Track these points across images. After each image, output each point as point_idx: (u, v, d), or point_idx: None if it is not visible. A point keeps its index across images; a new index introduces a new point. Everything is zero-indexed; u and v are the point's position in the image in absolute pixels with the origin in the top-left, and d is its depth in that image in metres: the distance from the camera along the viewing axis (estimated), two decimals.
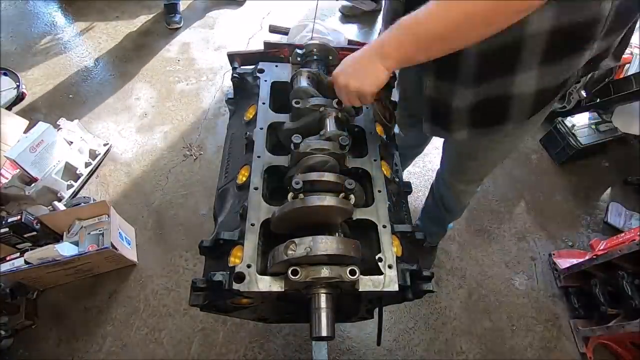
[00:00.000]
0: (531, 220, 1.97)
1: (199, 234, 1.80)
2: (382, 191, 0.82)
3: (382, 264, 0.71)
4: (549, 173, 2.17)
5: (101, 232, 1.63)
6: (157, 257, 1.74)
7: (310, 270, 0.64)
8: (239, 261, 0.68)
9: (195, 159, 2.08)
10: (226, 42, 2.67)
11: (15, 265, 1.51)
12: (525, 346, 1.60)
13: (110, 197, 1.91)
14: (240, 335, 1.54)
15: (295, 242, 0.64)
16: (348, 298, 0.74)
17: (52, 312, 1.59)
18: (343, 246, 0.64)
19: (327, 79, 0.91)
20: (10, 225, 1.51)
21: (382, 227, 0.76)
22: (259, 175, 0.81)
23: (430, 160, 2.15)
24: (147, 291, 1.65)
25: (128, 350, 1.51)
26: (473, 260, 1.81)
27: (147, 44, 2.61)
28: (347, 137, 0.80)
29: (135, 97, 2.32)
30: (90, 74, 2.42)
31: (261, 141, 0.86)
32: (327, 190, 0.74)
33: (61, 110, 2.20)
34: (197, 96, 2.35)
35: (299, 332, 1.55)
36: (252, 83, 1.04)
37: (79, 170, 1.90)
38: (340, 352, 1.53)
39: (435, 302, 1.68)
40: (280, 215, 0.70)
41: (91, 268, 1.61)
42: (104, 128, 2.17)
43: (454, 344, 1.58)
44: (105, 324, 1.56)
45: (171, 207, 1.89)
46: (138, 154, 2.08)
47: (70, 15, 2.77)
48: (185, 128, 2.20)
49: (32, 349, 1.51)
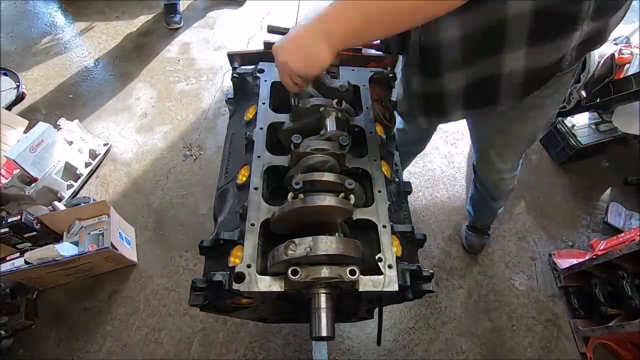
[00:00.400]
0: (531, 220, 1.97)
1: (199, 234, 1.80)
2: (382, 191, 0.82)
3: (382, 264, 0.71)
4: (549, 173, 2.17)
5: (101, 232, 1.63)
6: (157, 257, 1.74)
7: (310, 270, 0.64)
8: (239, 261, 0.68)
9: (195, 159, 2.08)
10: (226, 42, 2.67)
11: (15, 265, 1.51)
12: (525, 346, 1.60)
13: (110, 197, 1.92)
14: (240, 335, 1.54)
15: (295, 242, 0.64)
16: (348, 298, 0.74)
17: (52, 312, 1.59)
18: (343, 246, 0.64)
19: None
20: (10, 225, 1.51)
21: (382, 227, 0.76)
22: (259, 175, 0.80)
23: (431, 161, 2.15)
24: (147, 291, 1.65)
25: (128, 350, 1.51)
26: (473, 260, 1.81)
27: (147, 44, 2.61)
28: (347, 137, 0.80)
29: (135, 97, 2.32)
30: (90, 74, 2.42)
31: (261, 141, 0.86)
32: (327, 190, 0.74)
33: (61, 110, 2.20)
34: (197, 96, 2.35)
35: (299, 332, 1.55)
36: (252, 83, 1.04)
37: (79, 170, 1.90)
38: (340, 352, 1.53)
39: (435, 302, 1.68)
40: (280, 215, 0.70)
41: (91, 268, 1.61)
42: (104, 128, 2.17)
43: (454, 344, 1.58)
44: (105, 324, 1.56)
45: (171, 207, 1.89)
46: (138, 154, 2.08)
47: (70, 15, 2.77)
48: (185, 128, 2.20)
49: (32, 349, 1.51)
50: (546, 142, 2.25)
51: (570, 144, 2.07)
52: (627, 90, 1.93)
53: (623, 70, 2.05)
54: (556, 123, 2.15)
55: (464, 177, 2.11)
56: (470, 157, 2.19)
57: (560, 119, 2.14)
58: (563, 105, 2.20)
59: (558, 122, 2.14)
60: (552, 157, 2.21)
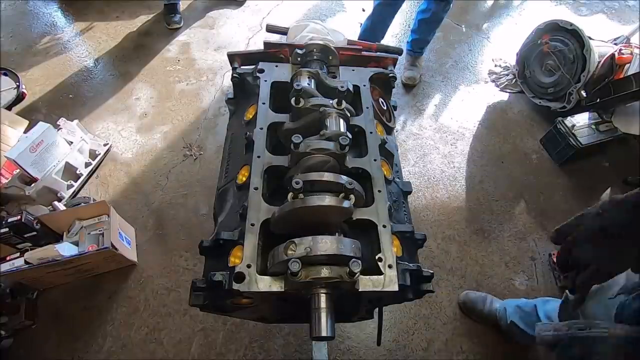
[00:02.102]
0: (531, 220, 1.97)
1: (199, 234, 1.80)
2: (382, 191, 0.82)
3: (382, 264, 0.71)
4: (549, 173, 2.17)
5: (101, 232, 1.63)
6: (157, 257, 1.74)
7: (310, 270, 0.64)
8: (239, 261, 0.68)
9: (195, 159, 2.08)
10: (226, 42, 2.67)
11: (15, 265, 1.51)
12: (525, 346, 1.60)
13: (110, 197, 1.91)
14: (240, 335, 1.54)
15: (295, 242, 0.64)
16: (348, 298, 0.74)
17: (52, 312, 1.59)
18: (343, 246, 0.64)
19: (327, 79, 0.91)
20: (10, 225, 1.51)
21: (382, 227, 0.76)
22: (259, 175, 0.81)
23: (431, 161, 2.15)
24: (147, 291, 1.65)
25: (128, 350, 1.51)
26: (473, 260, 1.81)
27: (147, 44, 2.61)
28: (347, 137, 0.80)
29: (135, 97, 2.32)
30: (90, 74, 2.42)
31: (261, 141, 0.86)
32: (327, 190, 0.75)
33: (61, 110, 2.20)
34: (197, 96, 2.35)
35: (299, 332, 1.55)
36: (252, 83, 1.04)
37: (79, 170, 1.90)
38: (340, 352, 1.53)
39: (435, 302, 1.68)
40: (280, 215, 0.70)
41: (91, 268, 1.61)
42: (104, 128, 2.17)
43: (454, 344, 1.58)
44: (105, 324, 1.56)
45: (171, 207, 1.89)
46: (138, 154, 2.08)
47: (70, 15, 2.77)
48: (185, 128, 2.20)
49: (32, 349, 1.51)
50: (546, 142, 2.25)
51: (570, 144, 2.07)
52: (627, 90, 1.94)
53: (623, 70, 2.06)
54: (556, 123, 2.15)
55: (463, 177, 2.11)
56: (470, 158, 2.19)
57: (560, 119, 2.14)
58: (563, 106, 2.21)
59: (558, 122, 2.14)
60: (552, 157, 2.21)
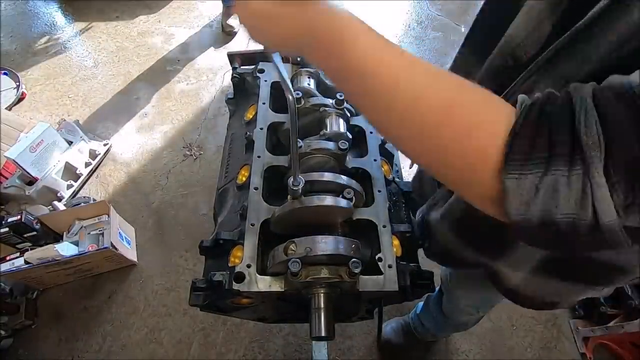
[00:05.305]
0: None
1: (199, 234, 1.80)
2: (382, 191, 0.82)
3: (382, 263, 0.71)
4: None
5: (101, 232, 1.63)
6: (157, 257, 1.74)
7: (310, 270, 0.64)
8: (239, 261, 0.68)
9: (195, 159, 2.08)
10: (226, 42, 2.67)
11: (15, 265, 1.51)
12: (525, 346, 1.60)
13: (110, 197, 1.91)
14: (240, 335, 1.54)
15: (295, 242, 0.64)
16: (348, 298, 0.74)
17: (52, 312, 1.59)
18: (343, 246, 0.64)
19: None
20: (10, 225, 1.51)
21: (382, 227, 0.76)
22: (259, 175, 0.80)
23: None
24: (147, 291, 1.65)
25: (128, 350, 1.51)
26: None
27: (147, 44, 2.61)
28: (347, 137, 0.80)
29: (135, 97, 2.32)
30: (90, 74, 2.42)
31: (261, 141, 0.86)
32: (327, 190, 0.74)
33: (61, 110, 2.21)
34: (197, 96, 2.35)
35: (299, 332, 1.55)
36: (252, 83, 1.04)
37: (79, 170, 1.90)
38: (340, 352, 1.53)
39: None
40: (280, 215, 0.70)
41: (91, 268, 1.61)
42: (104, 128, 2.17)
43: (454, 344, 1.58)
44: (105, 324, 1.56)
45: (171, 207, 1.89)
46: (138, 154, 2.08)
47: (69, 15, 2.77)
48: (185, 128, 2.20)
49: (32, 349, 1.51)
50: None
51: None
52: None
53: None
54: None
55: None
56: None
57: None
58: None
59: None
60: None
